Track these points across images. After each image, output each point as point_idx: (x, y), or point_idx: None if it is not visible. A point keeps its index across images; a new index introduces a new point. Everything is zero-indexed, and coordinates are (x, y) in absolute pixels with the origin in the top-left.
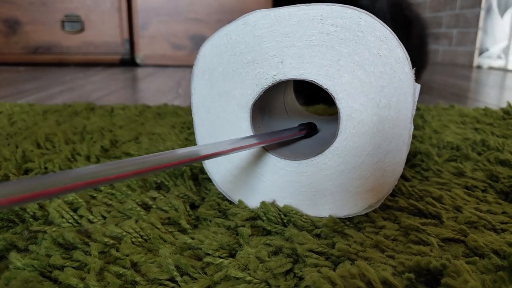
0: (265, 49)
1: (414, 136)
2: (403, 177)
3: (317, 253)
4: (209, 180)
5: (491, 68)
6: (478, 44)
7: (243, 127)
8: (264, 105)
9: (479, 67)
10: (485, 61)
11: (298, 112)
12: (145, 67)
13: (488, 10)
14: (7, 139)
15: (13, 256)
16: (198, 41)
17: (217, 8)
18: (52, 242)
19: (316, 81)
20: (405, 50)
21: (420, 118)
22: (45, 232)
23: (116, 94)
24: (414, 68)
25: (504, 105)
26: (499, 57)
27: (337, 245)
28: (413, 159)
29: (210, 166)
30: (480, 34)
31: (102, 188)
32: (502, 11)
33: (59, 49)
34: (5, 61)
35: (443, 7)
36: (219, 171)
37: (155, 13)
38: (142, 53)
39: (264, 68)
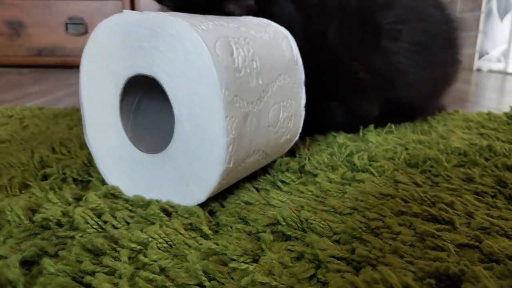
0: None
1: (421, 142)
2: (414, 182)
3: (338, 258)
4: (226, 189)
5: (491, 71)
6: (478, 47)
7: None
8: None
9: (479, 70)
10: (485, 64)
11: None
12: None
13: (488, 13)
14: (21, 144)
15: (46, 262)
16: None
17: None
18: (82, 248)
19: (157, 78)
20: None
21: (425, 123)
22: (72, 237)
23: None
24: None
25: (504, 108)
26: (499, 60)
27: (357, 250)
28: (423, 165)
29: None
30: (480, 37)
31: (119, 194)
32: (502, 14)
33: (63, 52)
34: (9, 63)
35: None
36: (102, 160)
37: None
38: None
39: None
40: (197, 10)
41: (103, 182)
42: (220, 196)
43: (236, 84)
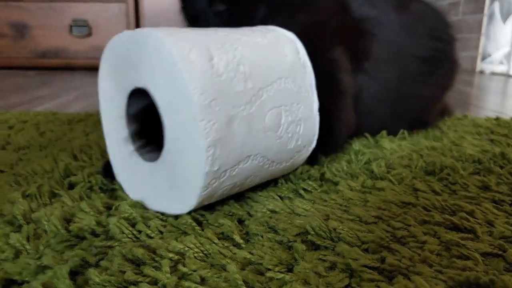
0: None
1: (434, 148)
2: (433, 190)
3: (370, 268)
4: (250, 197)
5: (493, 73)
6: (480, 50)
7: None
8: None
9: (481, 72)
10: (488, 67)
11: None
12: None
13: (491, 16)
14: (40, 150)
15: (92, 273)
16: None
17: None
18: (123, 258)
19: (148, 90)
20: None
21: (437, 129)
22: (109, 247)
23: None
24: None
25: (507, 111)
26: (501, 62)
27: (387, 260)
28: (440, 173)
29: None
30: (482, 40)
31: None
32: (505, 17)
33: (67, 54)
34: (13, 65)
35: (446, 12)
36: (118, 171)
37: (161, 18)
38: None
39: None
40: (249, 14)
41: None
42: (246, 205)
43: (216, 88)
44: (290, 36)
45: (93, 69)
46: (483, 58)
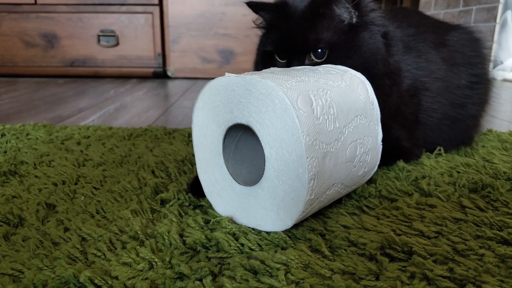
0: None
1: (469, 165)
2: (477, 207)
3: (443, 277)
4: (322, 214)
5: (505, 80)
6: (492, 57)
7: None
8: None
9: (493, 79)
10: (500, 74)
11: None
12: (176, 79)
13: (503, 24)
14: (117, 167)
15: (225, 281)
16: (227, 55)
17: (245, 23)
18: (243, 269)
19: (252, 126)
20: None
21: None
22: (220, 258)
23: (170, 114)
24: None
25: None
26: None
27: (456, 270)
28: (482, 191)
29: (205, 187)
30: (494, 47)
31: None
32: None
33: (94, 63)
34: (44, 73)
35: (457, 20)
36: (209, 191)
37: (186, 29)
38: (173, 66)
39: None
40: (287, 21)
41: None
42: (321, 221)
43: (316, 129)
44: (360, 76)
45: (119, 77)
46: (495, 66)
